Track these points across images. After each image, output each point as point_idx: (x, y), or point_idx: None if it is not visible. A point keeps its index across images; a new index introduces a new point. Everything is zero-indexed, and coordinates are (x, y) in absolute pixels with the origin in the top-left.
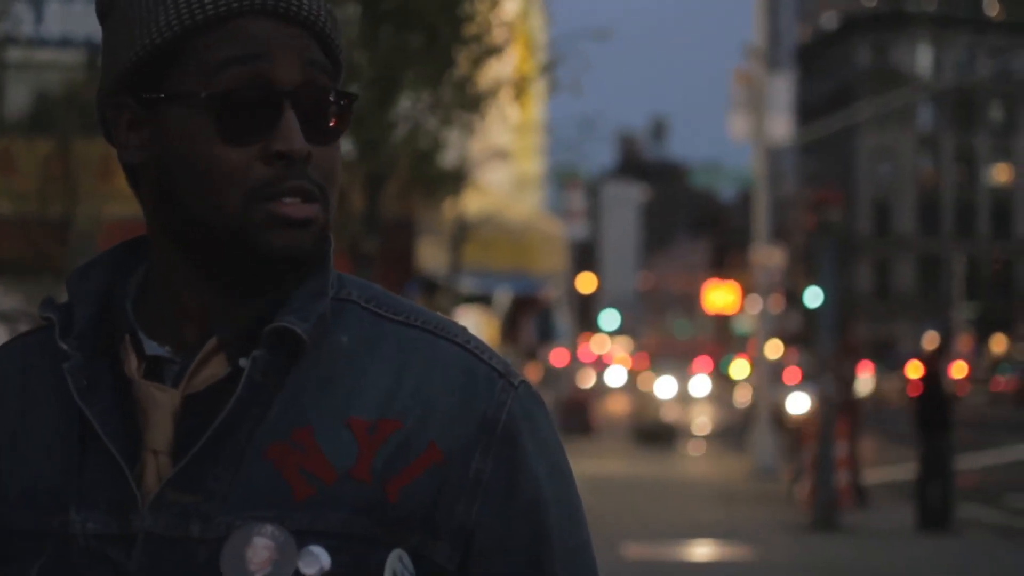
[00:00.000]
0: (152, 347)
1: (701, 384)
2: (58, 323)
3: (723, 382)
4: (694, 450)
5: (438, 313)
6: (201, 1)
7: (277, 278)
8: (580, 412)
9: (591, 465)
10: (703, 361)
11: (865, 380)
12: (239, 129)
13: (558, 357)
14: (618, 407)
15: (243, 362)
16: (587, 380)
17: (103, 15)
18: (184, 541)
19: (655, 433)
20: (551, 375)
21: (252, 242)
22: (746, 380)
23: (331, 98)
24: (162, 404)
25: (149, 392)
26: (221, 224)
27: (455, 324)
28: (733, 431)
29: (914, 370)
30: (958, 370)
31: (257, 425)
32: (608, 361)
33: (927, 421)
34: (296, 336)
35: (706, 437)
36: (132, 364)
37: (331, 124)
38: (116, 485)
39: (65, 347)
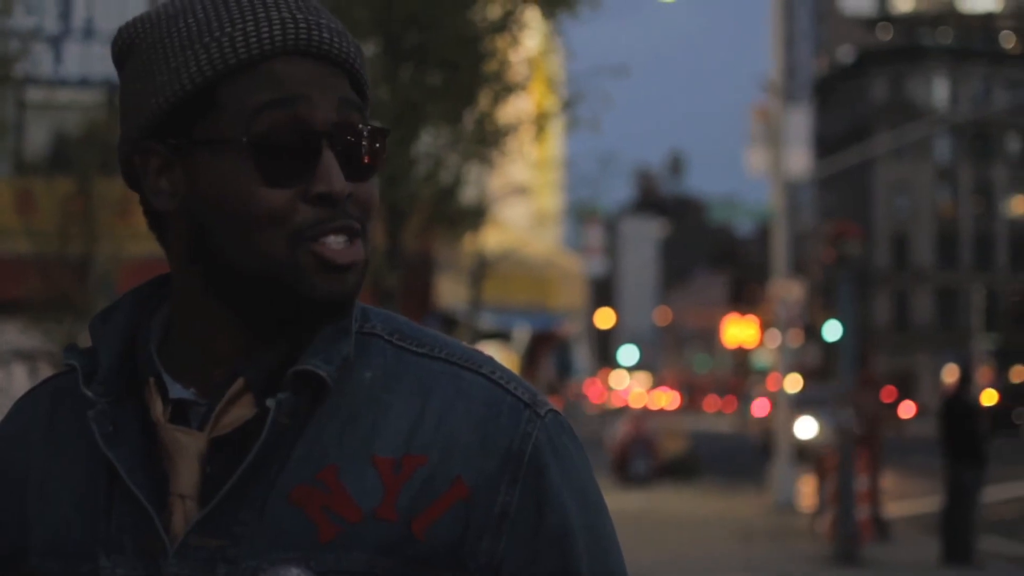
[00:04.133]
0: (177, 390)
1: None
2: (82, 369)
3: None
4: None
5: (463, 343)
6: (233, 45)
7: (317, 321)
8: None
9: (614, 499)
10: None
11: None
12: (279, 172)
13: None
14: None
15: (269, 402)
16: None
17: (121, 61)
18: None
19: (677, 467)
20: (571, 409)
21: (297, 287)
22: None
23: (365, 135)
24: (188, 448)
25: (175, 436)
26: (262, 267)
27: (480, 354)
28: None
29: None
30: (988, 398)
31: (282, 467)
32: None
33: (957, 452)
34: (320, 379)
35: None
36: (157, 408)
37: (366, 161)
38: (144, 531)
39: (90, 394)
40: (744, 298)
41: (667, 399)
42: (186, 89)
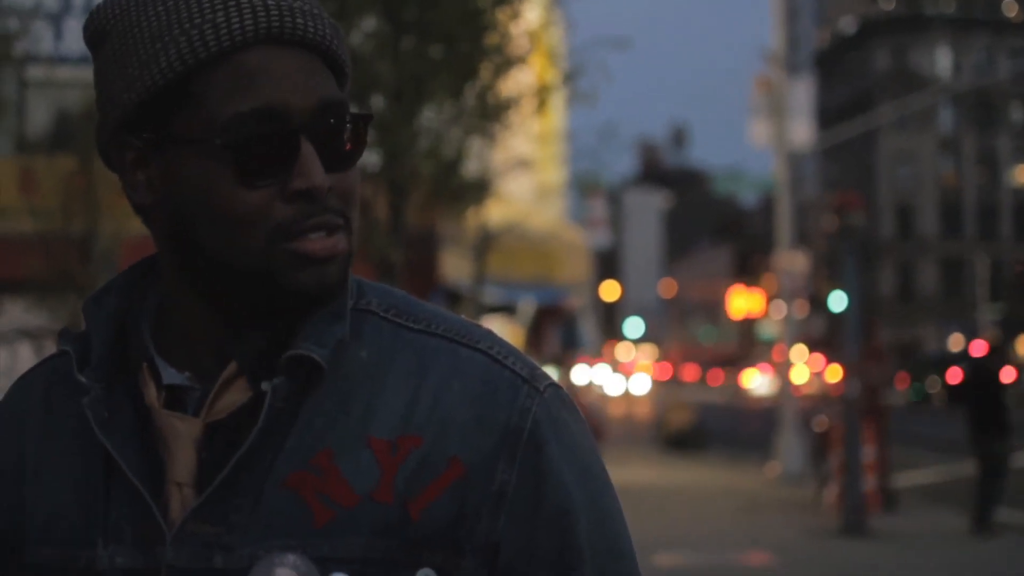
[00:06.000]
0: (170, 375)
1: None
2: (75, 355)
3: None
4: None
5: (463, 317)
6: (203, 38)
7: (301, 311)
8: None
9: (616, 473)
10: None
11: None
12: (256, 171)
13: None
14: (641, 412)
15: (265, 386)
16: None
17: (94, 45)
18: (208, 573)
19: (683, 439)
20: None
21: (278, 280)
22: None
23: (346, 122)
24: (183, 435)
25: (170, 423)
26: (243, 264)
27: (479, 329)
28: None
29: (953, 376)
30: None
31: (277, 453)
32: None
33: (983, 425)
34: (315, 363)
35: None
36: (151, 393)
37: (347, 148)
38: (142, 518)
39: (83, 380)
40: (749, 269)
41: (661, 370)
42: (158, 85)
